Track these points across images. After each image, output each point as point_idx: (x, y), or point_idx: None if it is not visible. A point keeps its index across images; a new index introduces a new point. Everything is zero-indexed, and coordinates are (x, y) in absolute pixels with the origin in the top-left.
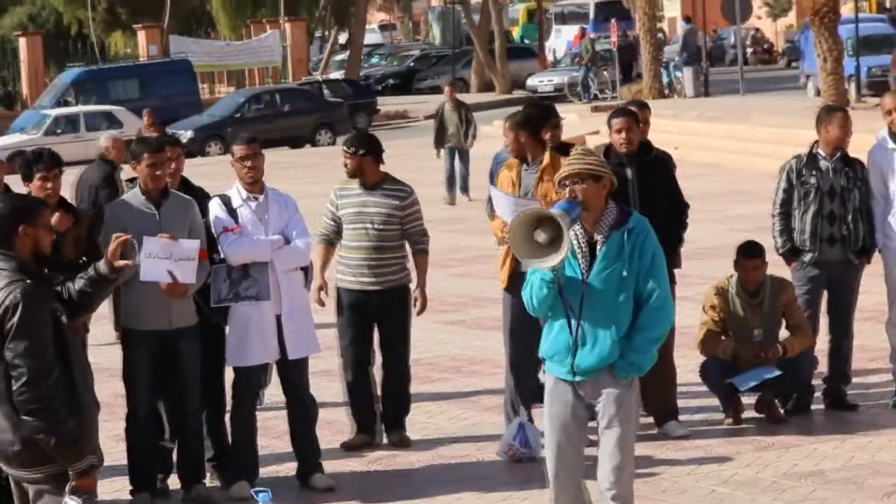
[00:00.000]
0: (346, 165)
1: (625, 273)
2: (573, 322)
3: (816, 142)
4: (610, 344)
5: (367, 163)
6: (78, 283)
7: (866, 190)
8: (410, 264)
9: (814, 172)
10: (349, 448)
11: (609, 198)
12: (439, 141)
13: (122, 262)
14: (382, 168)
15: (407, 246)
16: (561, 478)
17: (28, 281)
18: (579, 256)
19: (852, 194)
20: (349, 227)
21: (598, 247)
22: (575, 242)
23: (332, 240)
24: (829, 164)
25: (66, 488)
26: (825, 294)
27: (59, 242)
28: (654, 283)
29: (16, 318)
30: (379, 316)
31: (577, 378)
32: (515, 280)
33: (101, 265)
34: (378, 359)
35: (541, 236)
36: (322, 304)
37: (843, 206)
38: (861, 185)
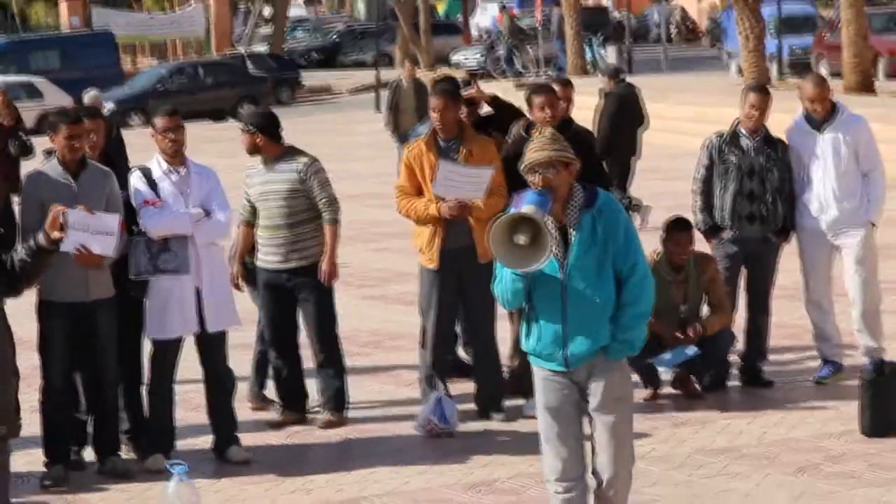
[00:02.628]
0: (243, 143)
1: (602, 254)
2: (560, 313)
3: (739, 119)
4: (600, 328)
5: (261, 139)
6: (19, 254)
7: (787, 170)
8: None
9: (735, 150)
10: (275, 426)
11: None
12: (395, 125)
13: (58, 234)
14: (288, 143)
15: None
16: (568, 469)
17: None
18: (553, 245)
19: (772, 174)
20: (259, 207)
21: (571, 232)
22: None
23: (250, 220)
24: (751, 143)
25: None
26: (744, 271)
27: None
28: (632, 258)
29: None
30: (290, 293)
31: (571, 368)
32: (445, 258)
33: (40, 236)
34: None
35: (521, 238)
36: (240, 289)
37: (763, 186)
38: (781, 165)
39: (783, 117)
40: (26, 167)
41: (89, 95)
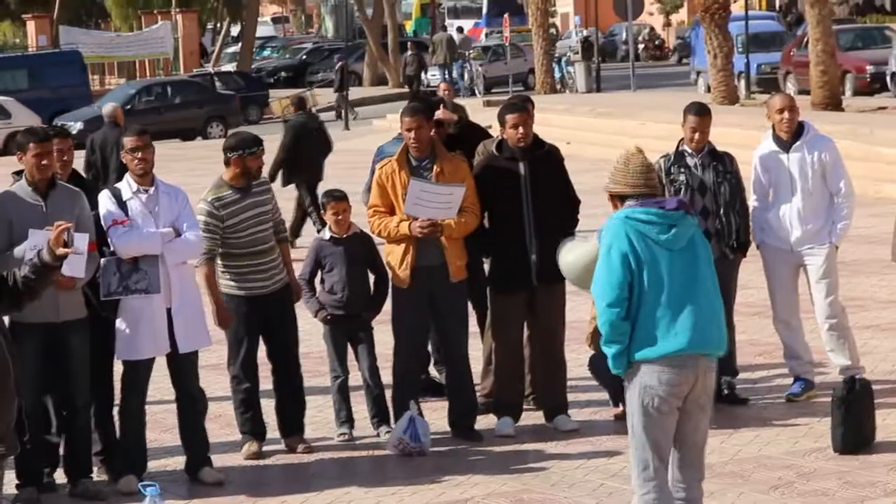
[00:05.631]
0: (249, 167)
1: None
2: None
3: (683, 139)
4: None
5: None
6: (22, 271)
7: (736, 183)
8: None
9: (682, 170)
10: (254, 457)
11: (619, 203)
12: None
13: (63, 250)
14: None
15: None
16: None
17: None
18: None
19: (722, 188)
20: (241, 235)
21: None
22: None
23: (216, 255)
24: (697, 160)
25: None
26: None
27: None
28: None
29: None
30: (270, 318)
31: None
32: (417, 277)
33: (44, 253)
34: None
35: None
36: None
37: (715, 201)
38: (731, 178)
39: (752, 133)
40: None
41: (108, 107)
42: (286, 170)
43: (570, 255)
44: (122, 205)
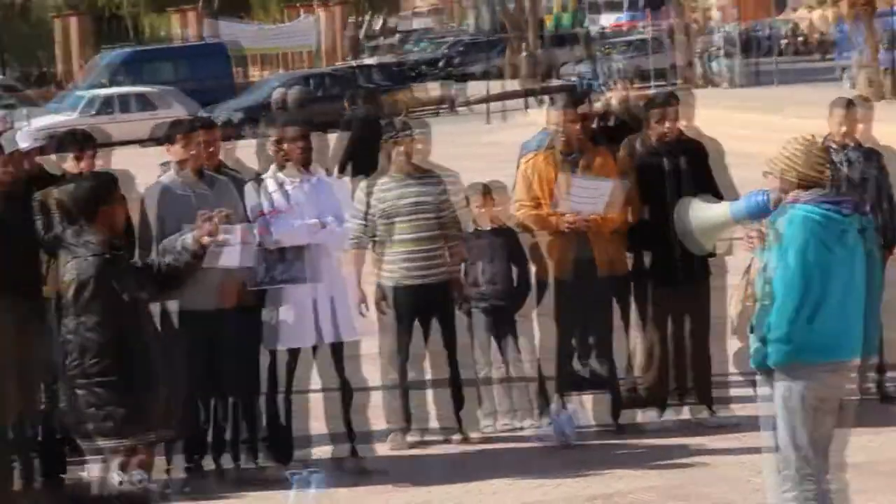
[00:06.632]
0: (408, 152)
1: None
2: None
3: (830, 134)
4: None
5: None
6: (167, 259)
7: (883, 179)
8: None
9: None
10: (400, 447)
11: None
12: None
13: (207, 239)
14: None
15: None
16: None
17: (106, 256)
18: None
19: (868, 184)
20: (394, 221)
21: None
22: None
23: (365, 244)
24: (843, 156)
25: (114, 463)
26: None
27: None
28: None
29: (87, 293)
30: (432, 310)
31: None
32: (563, 269)
33: (189, 241)
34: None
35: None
36: (383, 312)
37: (860, 198)
38: (878, 175)
39: None
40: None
41: (292, 92)
42: (354, 161)
43: (700, 213)
44: (268, 195)
